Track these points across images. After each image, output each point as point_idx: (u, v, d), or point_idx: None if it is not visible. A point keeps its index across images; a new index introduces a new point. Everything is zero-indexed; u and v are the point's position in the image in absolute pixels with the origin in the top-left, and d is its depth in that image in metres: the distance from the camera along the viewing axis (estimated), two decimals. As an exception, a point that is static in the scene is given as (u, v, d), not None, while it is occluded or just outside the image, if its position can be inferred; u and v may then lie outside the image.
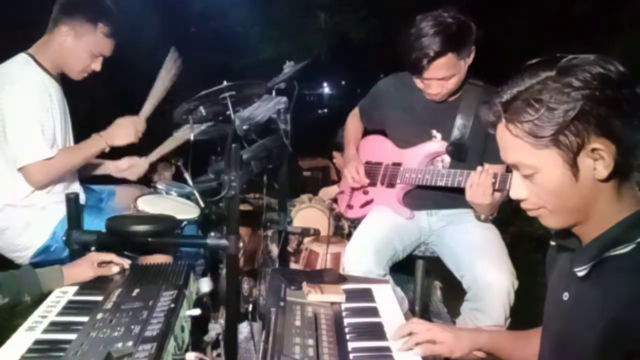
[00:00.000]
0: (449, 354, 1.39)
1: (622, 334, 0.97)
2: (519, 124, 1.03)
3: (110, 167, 2.51)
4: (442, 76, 2.07)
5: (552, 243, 1.24)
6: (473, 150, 2.20)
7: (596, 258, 1.04)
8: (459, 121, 2.19)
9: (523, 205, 1.12)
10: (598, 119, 0.97)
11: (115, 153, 2.40)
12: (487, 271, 2.01)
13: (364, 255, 2.14)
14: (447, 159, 2.25)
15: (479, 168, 2.04)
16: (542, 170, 1.04)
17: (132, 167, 2.48)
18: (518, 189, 1.10)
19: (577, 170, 1.01)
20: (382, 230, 2.24)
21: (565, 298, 1.12)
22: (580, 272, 1.06)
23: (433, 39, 1.99)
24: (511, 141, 1.06)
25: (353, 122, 2.57)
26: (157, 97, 2.42)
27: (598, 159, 1.00)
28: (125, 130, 2.28)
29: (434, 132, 2.26)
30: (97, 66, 2.28)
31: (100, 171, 2.52)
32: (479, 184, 1.99)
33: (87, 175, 2.47)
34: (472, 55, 2.11)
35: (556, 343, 1.15)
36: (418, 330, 1.39)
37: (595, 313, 1.03)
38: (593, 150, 0.99)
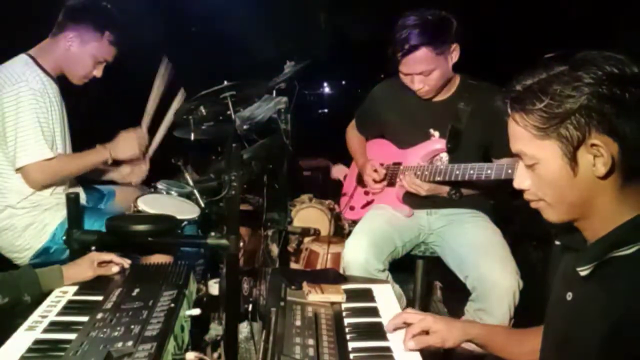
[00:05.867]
0: (441, 343, 1.40)
1: (625, 337, 0.96)
2: (524, 113, 1.04)
3: (112, 174, 2.53)
4: (419, 71, 2.09)
5: (557, 242, 1.23)
6: (471, 147, 2.20)
7: (599, 258, 1.03)
8: (457, 119, 2.19)
9: (525, 195, 1.13)
10: (601, 115, 0.97)
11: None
12: (493, 271, 2.01)
13: (363, 248, 2.14)
14: (445, 157, 2.26)
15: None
16: (542, 161, 1.05)
17: (134, 169, 2.49)
18: (521, 179, 1.12)
19: (575, 165, 1.02)
20: (382, 225, 2.24)
21: (569, 298, 1.11)
22: (583, 271, 1.05)
23: (408, 33, 2.04)
24: (516, 130, 1.07)
25: (353, 135, 2.58)
26: (154, 105, 2.44)
27: (598, 156, 0.99)
28: (129, 144, 2.31)
29: (432, 130, 2.27)
30: (98, 72, 2.31)
31: (104, 177, 2.54)
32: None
33: (91, 179, 2.48)
34: (457, 53, 2.13)
35: (558, 342, 1.15)
36: (412, 320, 1.40)
37: (598, 314, 1.02)
38: (592, 145, 0.99)
